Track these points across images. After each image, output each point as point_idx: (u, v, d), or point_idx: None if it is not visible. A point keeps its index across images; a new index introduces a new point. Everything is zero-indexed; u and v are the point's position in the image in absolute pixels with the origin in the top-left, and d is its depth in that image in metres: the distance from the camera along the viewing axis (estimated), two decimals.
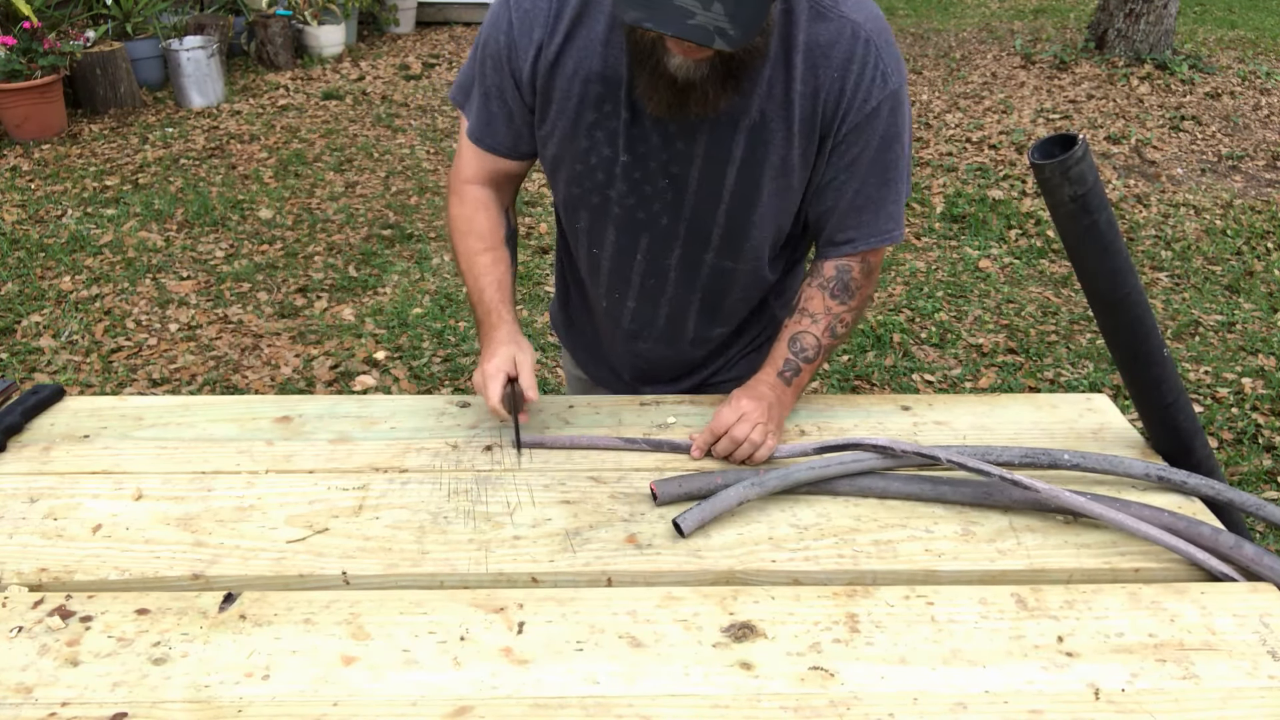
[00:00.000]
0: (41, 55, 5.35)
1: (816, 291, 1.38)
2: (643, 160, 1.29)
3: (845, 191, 1.31)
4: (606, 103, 1.26)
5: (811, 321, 1.37)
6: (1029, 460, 1.27)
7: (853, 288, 1.37)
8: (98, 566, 1.13)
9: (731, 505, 1.20)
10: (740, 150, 1.27)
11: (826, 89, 1.23)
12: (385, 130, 5.83)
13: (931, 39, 7.89)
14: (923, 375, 3.40)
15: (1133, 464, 1.27)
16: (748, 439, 1.29)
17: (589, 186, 1.34)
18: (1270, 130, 5.79)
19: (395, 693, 0.95)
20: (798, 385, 1.38)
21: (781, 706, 0.95)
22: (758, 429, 1.30)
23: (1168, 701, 0.96)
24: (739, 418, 1.31)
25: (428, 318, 3.73)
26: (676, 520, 1.17)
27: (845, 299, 1.37)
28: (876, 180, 1.31)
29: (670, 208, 1.33)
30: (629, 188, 1.32)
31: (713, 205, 1.32)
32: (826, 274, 1.37)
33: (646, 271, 1.41)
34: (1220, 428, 3.09)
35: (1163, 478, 1.26)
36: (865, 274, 1.38)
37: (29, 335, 3.57)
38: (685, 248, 1.38)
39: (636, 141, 1.28)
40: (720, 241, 1.37)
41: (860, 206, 1.32)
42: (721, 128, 1.25)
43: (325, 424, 1.42)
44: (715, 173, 1.29)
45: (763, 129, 1.25)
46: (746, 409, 1.31)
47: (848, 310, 1.38)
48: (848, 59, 1.22)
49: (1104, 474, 1.28)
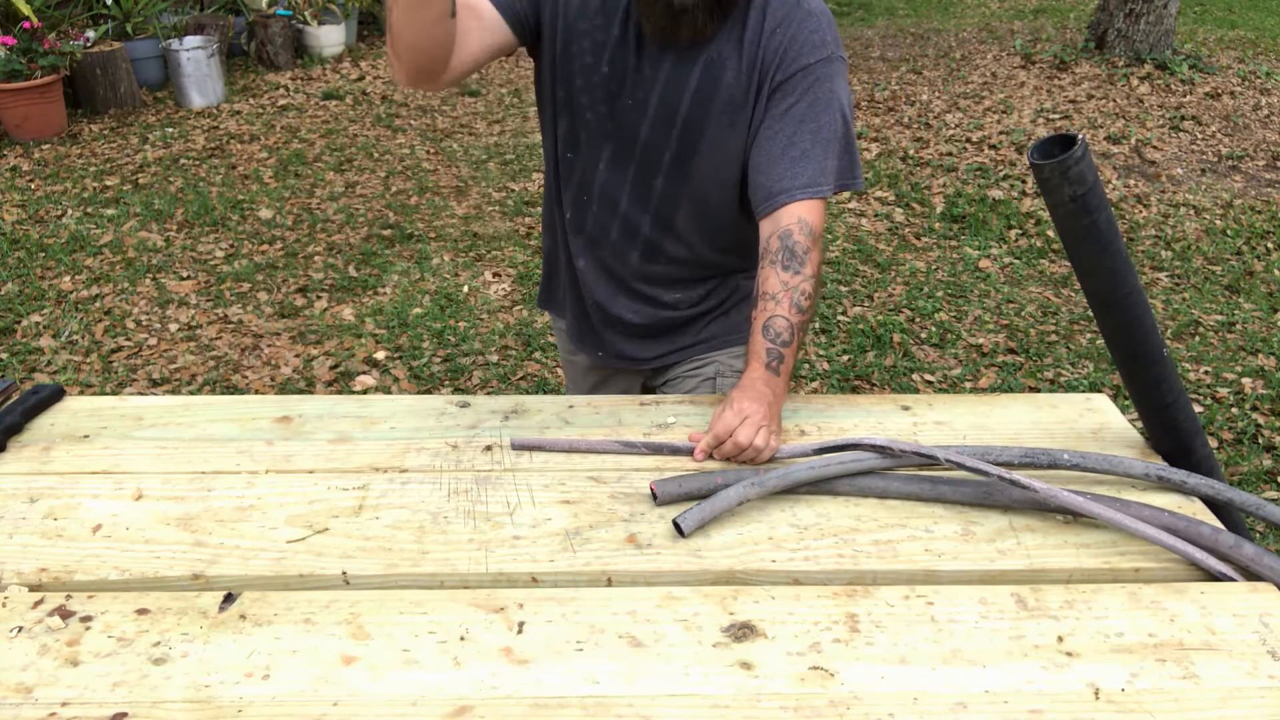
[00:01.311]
0: (41, 55, 5.35)
1: (769, 269, 1.41)
2: (618, 75, 1.44)
3: (778, 139, 1.42)
4: (601, 16, 1.43)
5: (775, 304, 1.40)
6: (1029, 460, 1.27)
7: (799, 253, 1.40)
8: (98, 566, 1.13)
9: (731, 505, 1.20)
10: (695, 80, 1.42)
11: (773, 41, 1.40)
12: (385, 130, 5.84)
13: (931, 39, 7.89)
14: (923, 375, 3.40)
15: (1132, 464, 1.27)
16: (751, 444, 1.31)
17: (570, 90, 1.47)
18: (1270, 130, 5.79)
19: (395, 693, 0.95)
20: (786, 371, 1.41)
21: (781, 706, 0.95)
22: (761, 432, 1.31)
23: (1168, 701, 0.96)
24: (742, 421, 1.31)
25: (428, 318, 3.73)
26: (677, 520, 1.17)
27: (797, 267, 1.40)
28: (810, 136, 1.41)
29: (631, 125, 1.47)
30: (603, 96, 1.45)
31: (666, 129, 1.46)
32: (773, 247, 1.42)
33: (607, 181, 1.53)
34: (1220, 428, 3.09)
35: (1162, 477, 1.27)
36: (809, 237, 1.41)
37: (29, 335, 3.57)
38: (639, 166, 1.50)
39: (616, 58, 1.43)
40: (670, 165, 1.48)
41: (794, 158, 1.41)
42: (683, 60, 1.41)
43: (325, 424, 1.42)
44: (672, 98, 1.43)
45: (719, 65, 1.41)
46: (748, 411, 1.32)
47: (803, 279, 1.40)
48: (791, 19, 1.40)
49: (1104, 474, 1.28)
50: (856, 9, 9.27)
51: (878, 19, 8.84)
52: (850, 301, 3.91)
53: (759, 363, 1.39)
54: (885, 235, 4.55)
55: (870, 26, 8.51)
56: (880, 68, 7.10)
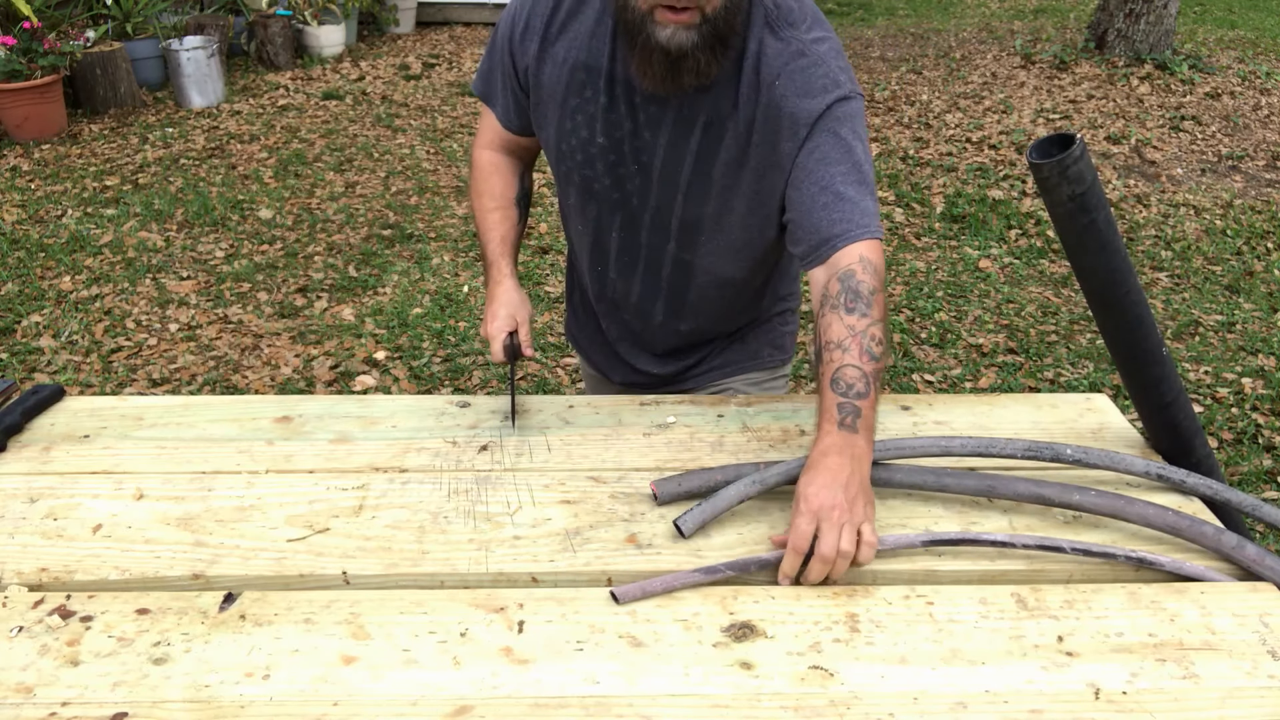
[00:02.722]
0: (41, 55, 5.35)
1: (831, 316, 1.24)
2: (617, 145, 1.38)
3: (815, 184, 1.29)
4: (588, 88, 1.36)
5: (842, 352, 1.21)
6: (1032, 453, 1.28)
7: (865, 293, 1.24)
8: (98, 566, 1.13)
9: (732, 504, 1.20)
10: (695, 143, 1.35)
11: (773, 95, 1.29)
12: (385, 130, 5.83)
13: (931, 39, 7.89)
14: (923, 375, 3.40)
15: (1134, 461, 1.27)
16: (840, 552, 1.09)
17: (571, 165, 1.44)
18: (1270, 130, 5.79)
19: (395, 692, 0.96)
20: (865, 429, 1.18)
21: (781, 706, 0.95)
22: (845, 533, 1.09)
23: (1167, 701, 0.96)
24: (817, 526, 1.10)
25: (428, 318, 3.73)
26: (677, 522, 1.17)
27: (864, 309, 1.23)
28: (847, 175, 1.29)
29: (639, 192, 1.42)
30: (605, 168, 1.41)
31: (672, 194, 1.40)
32: (832, 291, 1.25)
33: (621, 248, 1.50)
34: (1220, 428, 3.09)
35: (1162, 476, 1.27)
36: (872, 275, 1.25)
37: (29, 335, 3.57)
38: (650, 234, 1.46)
39: (611, 126, 1.37)
40: (679, 232, 1.44)
41: (842, 197, 1.28)
42: (682, 122, 1.34)
43: (325, 424, 1.42)
44: (675, 163, 1.37)
45: (717, 126, 1.33)
46: (822, 508, 1.10)
47: (872, 323, 1.22)
48: (792, 70, 1.29)
49: (1105, 470, 1.29)
50: (856, 9, 9.27)
51: (878, 19, 8.85)
52: None
53: (831, 423, 1.17)
54: (885, 235, 4.55)
55: (870, 26, 8.51)
56: (880, 68, 7.10)
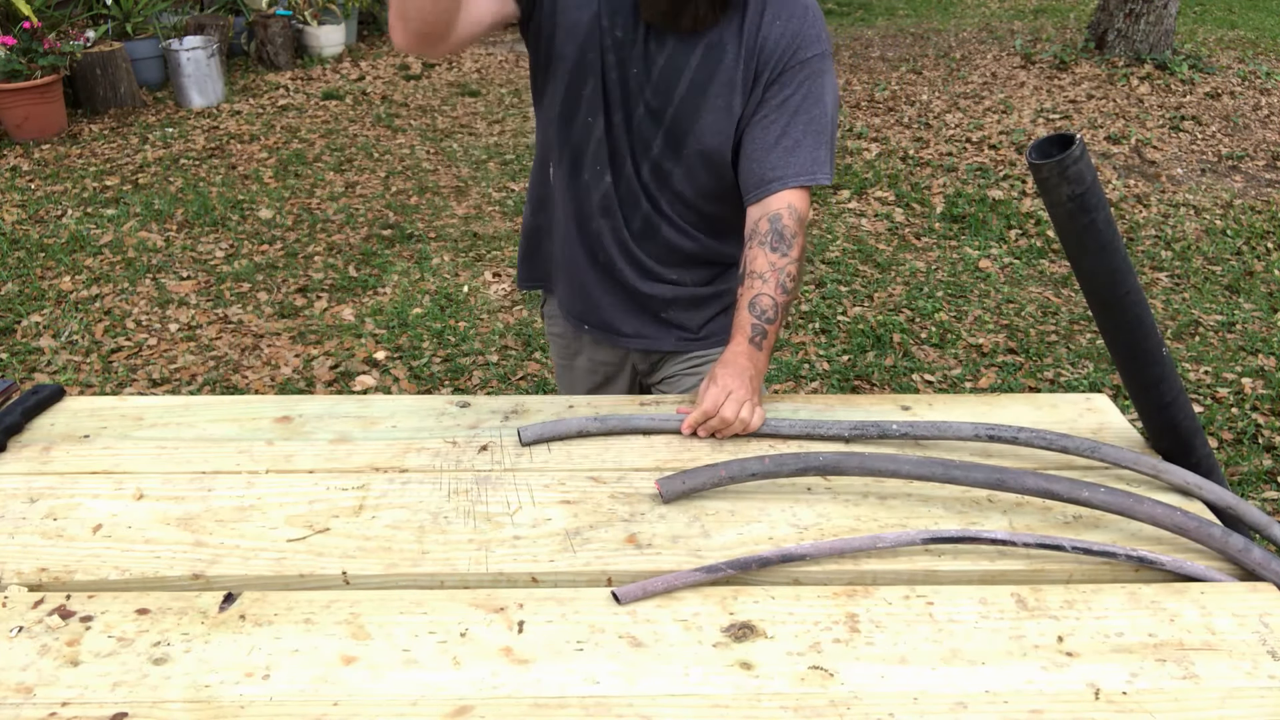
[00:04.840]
0: (41, 55, 5.35)
1: (757, 249, 1.46)
2: (628, 44, 1.47)
3: (772, 129, 1.46)
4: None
5: (762, 282, 1.45)
6: (859, 431, 1.37)
7: (788, 236, 1.46)
8: (98, 566, 1.13)
9: (573, 432, 1.37)
10: (694, 63, 1.45)
11: (772, 31, 1.43)
12: (385, 130, 5.84)
13: (931, 39, 7.89)
14: (923, 375, 3.40)
15: (961, 427, 1.35)
16: (738, 418, 1.37)
17: (594, 54, 1.48)
18: (1270, 130, 5.79)
19: (395, 692, 0.96)
20: (768, 348, 1.47)
21: (781, 706, 0.95)
22: (745, 406, 1.37)
23: (1167, 701, 0.96)
24: (727, 397, 1.37)
25: (428, 318, 3.73)
26: (520, 429, 1.35)
27: (784, 249, 1.46)
28: (803, 126, 1.46)
29: (636, 93, 1.50)
30: (615, 61, 1.48)
31: (663, 104, 1.49)
32: (761, 229, 1.46)
33: (613, 148, 1.55)
34: (1220, 428, 3.09)
35: (993, 435, 1.34)
36: (796, 222, 1.47)
37: (29, 335, 3.57)
38: (635, 136, 1.52)
39: (628, 26, 1.46)
40: (664, 141, 1.51)
41: (788, 147, 1.46)
42: (683, 43, 1.45)
43: (325, 424, 1.42)
44: (671, 77, 1.47)
45: (719, 49, 1.45)
46: (732, 387, 1.38)
47: (790, 261, 1.46)
48: (791, 12, 1.44)
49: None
50: (856, 9, 9.27)
51: (878, 19, 8.85)
52: (850, 301, 3.91)
53: (743, 337, 1.45)
54: (885, 235, 4.55)
55: (870, 26, 8.51)
56: (880, 68, 7.10)
